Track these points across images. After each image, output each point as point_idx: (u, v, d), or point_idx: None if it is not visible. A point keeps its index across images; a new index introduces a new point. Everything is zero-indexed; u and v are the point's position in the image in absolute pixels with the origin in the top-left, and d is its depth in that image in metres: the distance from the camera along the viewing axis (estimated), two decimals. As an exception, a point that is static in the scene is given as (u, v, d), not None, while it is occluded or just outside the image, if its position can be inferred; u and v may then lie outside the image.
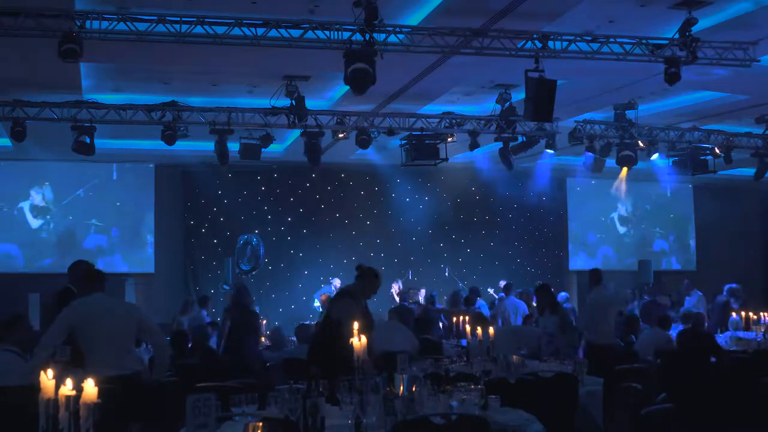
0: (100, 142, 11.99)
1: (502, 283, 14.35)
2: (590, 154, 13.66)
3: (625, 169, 14.12)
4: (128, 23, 8.21)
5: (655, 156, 13.83)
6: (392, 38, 8.73)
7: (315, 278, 16.27)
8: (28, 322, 6.35)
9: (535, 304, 11.72)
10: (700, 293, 14.20)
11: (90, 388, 2.77)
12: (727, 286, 13.55)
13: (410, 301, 13.84)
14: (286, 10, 8.45)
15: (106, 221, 16.04)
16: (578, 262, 18.95)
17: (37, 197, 15.86)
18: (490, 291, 15.48)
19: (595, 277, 10.04)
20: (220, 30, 8.40)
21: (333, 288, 15.40)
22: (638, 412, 4.71)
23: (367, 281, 6.76)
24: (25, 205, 15.81)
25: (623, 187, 18.81)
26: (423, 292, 15.13)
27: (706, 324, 10.80)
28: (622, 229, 19.55)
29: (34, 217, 15.85)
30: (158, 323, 8.27)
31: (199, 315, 12.38)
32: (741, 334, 11.11)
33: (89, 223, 16.01)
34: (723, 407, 7.69)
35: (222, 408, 3.73)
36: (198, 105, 11.94)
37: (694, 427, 6.74)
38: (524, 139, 13.21)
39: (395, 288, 15.16)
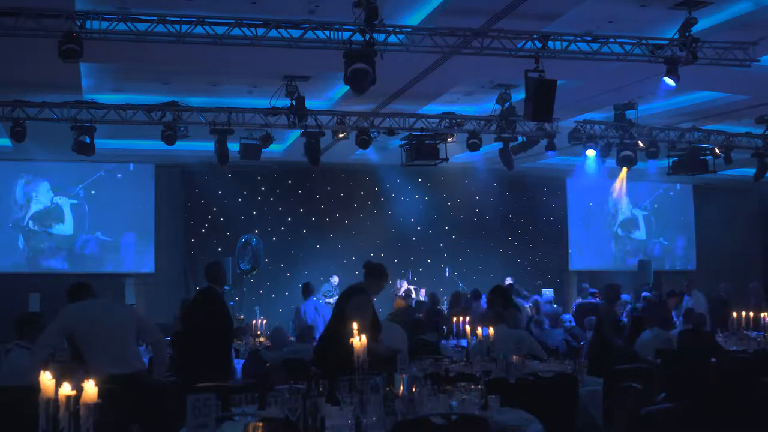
0: (100, 142, 11.99)
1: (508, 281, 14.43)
2: (590, 154, 13.65)
3: (624, 169, 14.13)
4: (128, 23, 8.21)
5: (654, 156, 13.84)
6: (392, 38, 8.73)
7: (315, 278, 16.22)
8: (45, 321, 6.35)
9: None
10: (701, 294, 14.19)
11: (90, 388, 2.77)
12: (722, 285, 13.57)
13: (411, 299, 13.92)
14: (286, 10, 8.45)
15: (106, 221, 16.04)
16: (578, 262, 18.96)
17: (36, 197, 15.86)
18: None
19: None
20: (220, 30, 8.40)
21: (332, 286, 15.43)
22: (638, 412, 4.70)
23: (375, 279, 6.80)
24: (24, 205, 15.82)
25: (623, 187, 18.82)
26: (423, 291, 15.16)
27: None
28: (622, 229, 19.55)
29: (34, 216, 15.84)
30: (159, 323, 8.28)
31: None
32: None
33: (89, 224, 16.01)
34: (723, 407, 7.69)
35: (222, 408, 3.73)
36: (198, 105, 11.94)
37: (694, 427, 6.74)
38: (524, 139, 13.22)
39: (403, 286, 15.24)
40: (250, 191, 16.82)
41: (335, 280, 15.69)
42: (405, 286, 15.34)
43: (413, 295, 14.51)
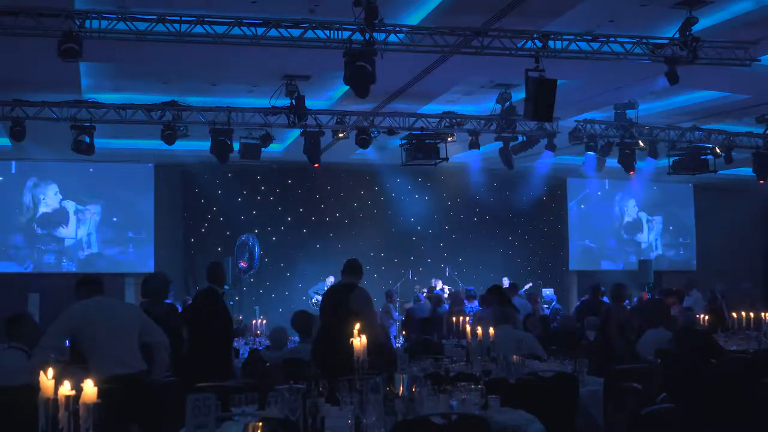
0: (99, 142, 11.98)
1: (506, 282, 14.41)
2: (590, 154, 13.65)
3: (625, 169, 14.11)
4: (128, 23, 8.21)
5: (654, 156, 13.84)
6: (392, 38, 8.73)
7: (314, 278, 16.26)
8: (33, 319, 6.34)
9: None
10: (699, 293, 14.17)
11: (89, 388, 2.76)
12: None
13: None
14: (286, 10, 8.45)
15: (106, 221, 16.03)
16: (578, 262, 18.95)
17: (36, 197, 15.84)
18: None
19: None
20: (220, 30, 8.40)
21: (327, 285, 15.41)
22: (638, 412, 4.69)
23: (358, 277, 7.08)
24: (24, 204, 15.80)
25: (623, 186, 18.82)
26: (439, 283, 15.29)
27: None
28: (622, 229, 19.53)
29: (34, 216, 15.83)
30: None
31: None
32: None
33: (89, 223, 16.00)
34: (723, 407, 7.68)
35: (222, 408, 3.72)
36: (198, 104, 11.94)
37: (694, 427, 6.73)
38: (524, 139, 13.21)
39: (438, 286, 15.29)
40: (249, 191, 16.82)
41: (331, 279, 15.66)
42: (440, 285, 15.44)
43: (445, 295, 14.56)
